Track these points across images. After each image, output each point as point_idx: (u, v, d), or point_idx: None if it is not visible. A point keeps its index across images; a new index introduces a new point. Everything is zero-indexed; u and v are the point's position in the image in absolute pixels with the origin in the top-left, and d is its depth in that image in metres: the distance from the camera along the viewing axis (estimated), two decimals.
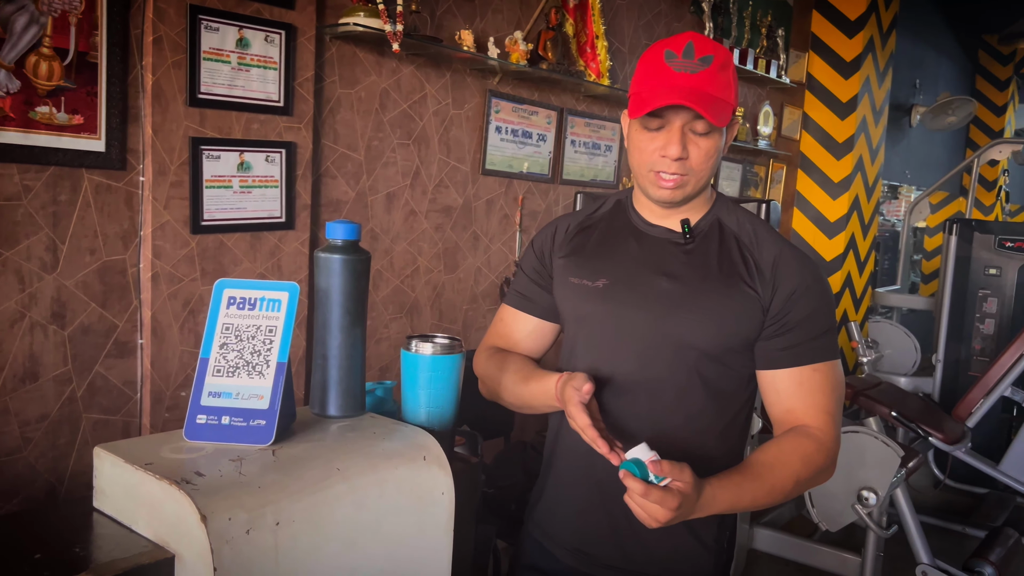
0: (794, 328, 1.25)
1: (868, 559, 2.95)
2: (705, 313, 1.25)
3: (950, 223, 4.35)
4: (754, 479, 1.20)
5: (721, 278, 1.27)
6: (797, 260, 1.28)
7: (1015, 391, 3.67)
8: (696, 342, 1.26)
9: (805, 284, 1.26)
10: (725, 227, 1.32)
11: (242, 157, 2.22)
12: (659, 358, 1.27)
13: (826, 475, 1.28)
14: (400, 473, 1.07)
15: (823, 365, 1.26)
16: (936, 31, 6.56)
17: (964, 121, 6.10)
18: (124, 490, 0.98)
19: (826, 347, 1.27)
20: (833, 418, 1.27)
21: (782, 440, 1.26)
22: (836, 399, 1.28)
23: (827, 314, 1.28)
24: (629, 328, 1.29)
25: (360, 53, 2.55)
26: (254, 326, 1.07)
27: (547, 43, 3.03)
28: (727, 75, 1.21)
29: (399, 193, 2.75)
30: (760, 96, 4.57)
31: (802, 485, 1.24)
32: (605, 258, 1.34)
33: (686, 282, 1.27)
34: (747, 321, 1.26)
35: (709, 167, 1.24)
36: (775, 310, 1.25)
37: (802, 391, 1.27)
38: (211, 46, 2.11)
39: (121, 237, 2.04)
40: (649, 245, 1.32)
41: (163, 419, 2.12)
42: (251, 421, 1.04)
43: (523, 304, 1.44)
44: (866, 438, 2.74)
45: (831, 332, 1.28)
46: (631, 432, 1.28)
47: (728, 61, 1.21)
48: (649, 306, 1.28)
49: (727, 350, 1.28)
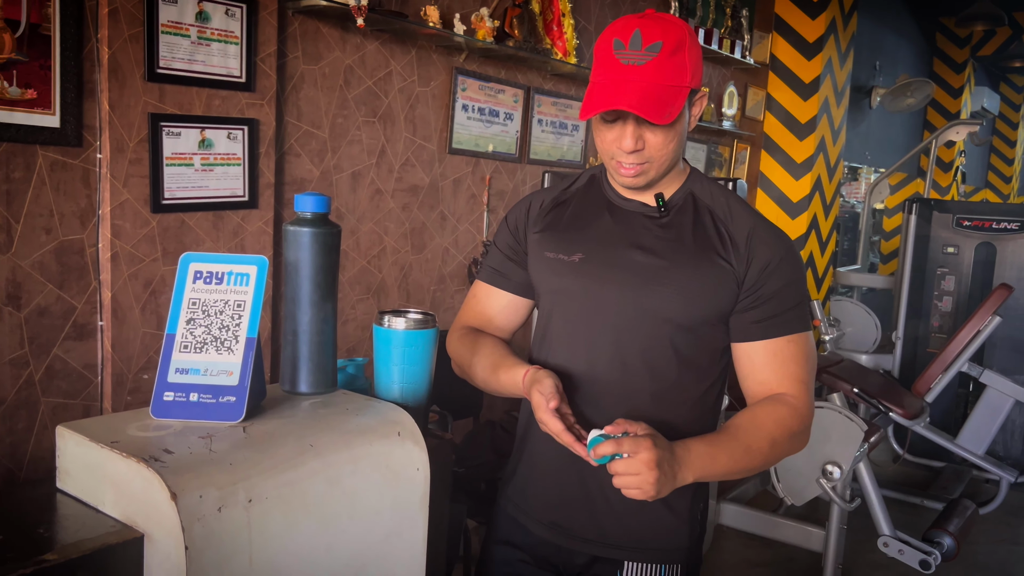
0: (768, 301, 1.26)
1: (832, 532, 3.00)
2: (680, 286, 1.26)
3: (909, 203, 4.43)
4: (730, 438, 1.22)
5: (696, 251, 1.27)
6: (771, 233, 1.29)
7: (972, 366, 3.77)
8: (670, 315, 1.26)
9: (779, 257, 1.27)
10: (699, 200, 1.32)
11: (203, 134, 2.16)
12: (634, 331, 1.28)
13: (801, 440, 1.29)
14: (374, 449, 1.05)
15: (796, 336, 1.28)
16: (895, 14, 6.65)
17: (922, 103, 6.20)
18: (89, 469, 0.95)
19: (799, 318, 1.28)
20: (807, 386, 1.28)
21: (756, 406, 1.28)
22: (809, 369, 1.29)
23: (800, 286, 1.30)
24: (604, 301, 1.29)
25: (324, 28, 2.50)
26: (222, 300, 1.05)
27: (513, 20, 3.00)
28: (680, 58, 1.17)
29: (364, 172, 2.71)
30: (724, 77, 4.59)
31: (778, 447, 1.25)
32: (580, 232, 1.34)
33: (661, 255, 1.28)
34: (722, 293, 1.26)
35: (669, 151, 1.23)
36: (749, 283, 1.26)
37: (776, 362, 1.28)
38: (169, 19, 2.05)
39: (78, 216, 1.98)
40: (624, 219, 1.32)
41: (125, 402, 2.07)
42: (220, 398, 1.01)
43: (497, 280, 1.43)
44: (831, 413, 2.79)
45: (803, 304, 1.30)
46: (606, 405, 1.28)
47: (681, 42, 1.17)
48: (624, 279, 1.28)
49: (701, 322, 1.28)
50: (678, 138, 1.23)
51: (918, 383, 3.70)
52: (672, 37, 1.17)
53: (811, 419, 1.29)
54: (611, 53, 1.18)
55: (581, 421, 1.23)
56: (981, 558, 3.41)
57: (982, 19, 5.55)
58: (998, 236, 4.24)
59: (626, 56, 1.16)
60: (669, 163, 1.25)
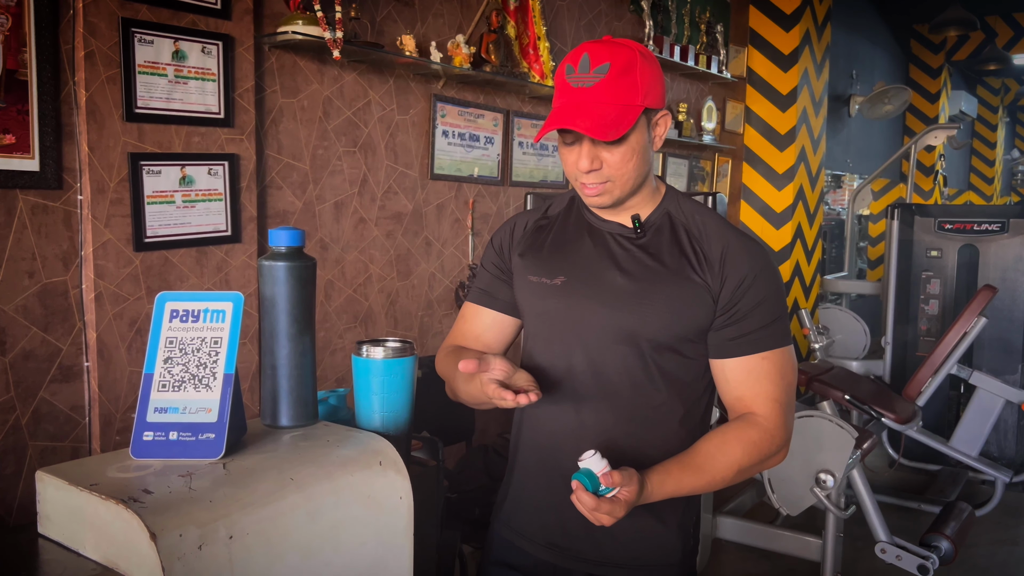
0: (744, 317, 1.27)
1: (829, 540, 3.00)
2: (657, 305, 1.27)
3: (892, 208, 4.46)
4: (695, 471, 1.24)
5: (672, 270, 1.29)
6: (745, 249, 1.29)
7: (961, 368, 3.79)
8: (649, 334, 1.28)
9: (753, 273, 1.27)
10: (675, 220, 1.33)
11: (184, 171, 2.18)
12: (615, 351, 1.29)
13: (774, 460, 1.31)
14: (356, 480, 1.06)
15: (772, 353, 1.28)
16: (869, 22, 6.73)
17: (900, 109, 6.27)
18: (70, 513, 0.95)
19: (775, 335, 1.29)
20: (780, 405, 1.29)
21: (727, 428, 1.29)
22: (785, 386, 1.29)
23: (777, 302, 1.30)
24: (586, 323, 1.31)
25: (300, 62, 2.53)
26: (199, 338, 1.05)
27: (489, 46, 3.03)
28: (630, 78, 1.20)
29: (347, 201, 2.72)
30: (703, 92, 4.64)
31: (746, 472, 1.27)
32: (561, 256, 1.36)
33: (638, 276, 1.29)
34: (698, 311, 1.28)
35: (630, 169, 1.25)
36: (724, 300, 1.27)
37: (750, 379, 1.29)
38: (146, 59, 2.07)
39: (61, 258, 1.99)
40: (603, 241, 1.34)
41: (114, 442, 2.07)
42: (200, 435, 1.02)
43: (485, 299, 1.45)
44: (821, 422, 2.79)
45: (781, 319, 1.30)
46: (590, 425, 1.30)
47: (630, 63, 1.20)
48: (604, 300, 1.30)
49: (681, 340, 1.29)
50: (637, 157, 1.24)
51: (909, 387, 3.72)
52: (620, 59, 1.20)
53: (785, 437, 1.30)
54: (564, 78, 1.22)
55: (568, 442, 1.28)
56: (980, 561, 3.41)
57: (954, 24, 5.63)
58: (980, 238, 4.28)
59: (576, 80, 1.20)
60: (632, 181, 1.27)
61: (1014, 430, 4.22)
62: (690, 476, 1.24)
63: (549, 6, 3.46)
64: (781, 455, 1.31)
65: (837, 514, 2.87)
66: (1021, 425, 4.21)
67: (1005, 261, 4.21)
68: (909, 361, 4.37)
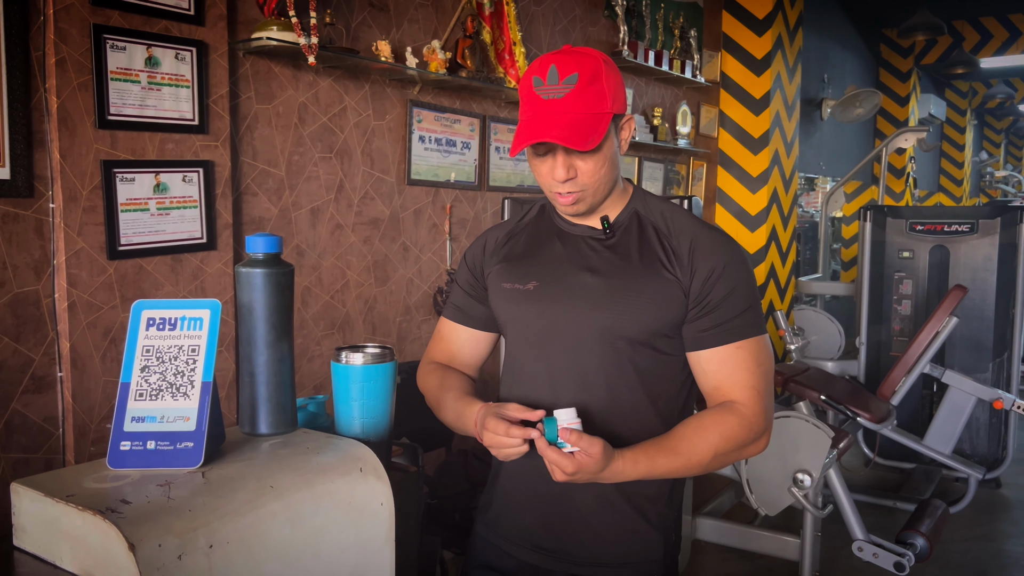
0: (716, 308, 1.28)
1: (807, 540, 3.03)
2: (629, 303, 1.29)
3: (864, 210, 4.52)
4: (670, 452, 1.25)
5: (641, 267, 1.31)
6: (713, 241, 1.31)
7: (933, 368, 3.84)
8: (623, 331, 1.30)
9: (722, 264, 1.29)
10: (643, 218, 1.36)
11: (158, 178, 2.16)
12: (592, 352, 1.31)
13: (755, 447, 1.31)
14: (336, 487, 1.05)
15: (746, 342, 1.29)
16: (840, 27, 6.83)
17: (871, 112, 6.36)
18: (45, 525, 0.94)
19: (749, 324, 1.30)
20: (759, 392, 1.29)
21: (705, 413, 1.30)
22: (762, 373, 1.30)
23: (748, 291, 1.31)
24: (560, 325, 1.33)
25: (275, 68, 2.52)
26: (176, 346, 1.04)
27: (465, 51, 3.04)
28: (598, 86, 1.22)
29: (323, 207, 2.71)
30: (677, 96, 4.67)
31: (722, 457, 1.28)
32: (533, 261, 1.39)
33: (609, 275, 1.31)
34: (670, 306, 1.29)
35: (601, 176, 1.27)
36: (695, 292, 1.29)
37: (727, 369, 1.30)
38: (118, 66, 2.05)
39: (32, 267, 1.96)
40: (573, 244, 1.37)
41: (88, 453, 2.04)
42: (178, 444, 1.01)
43: (459, 317, 1.49)
44: (798, 422, 2.82)
45: (753, 308, 1.31)
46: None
47: (597, 71, 1.22)
48: (576, 301, 1.32)
49: (655, 335, 1.31)
50: (608, 163, 1.27)
51: (883, 387, 3.76)
52: (587, 68, 1.22)
53: (764, 424, 1.30)
54: (532, 91, 1.23)
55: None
56: (955, 557, 3.46)
57: (922, 29, 5.72)
58: (950, 239, 4.35)
59: (546, 91, 1.22)
60: (604, 187, 1.30)
61: (986, 428, 4.28)
62: (664, 457, 1.25)
63: (524, 12, 3.47)
64: (762, 442, 1.32)
65: (814, 513, 2.90)
66: (993, 423, 4.28)
67: (975, 261, 4.29)
68: (883, 361, 4.43)
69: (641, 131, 4.17)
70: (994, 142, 12.42)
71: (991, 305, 4.23)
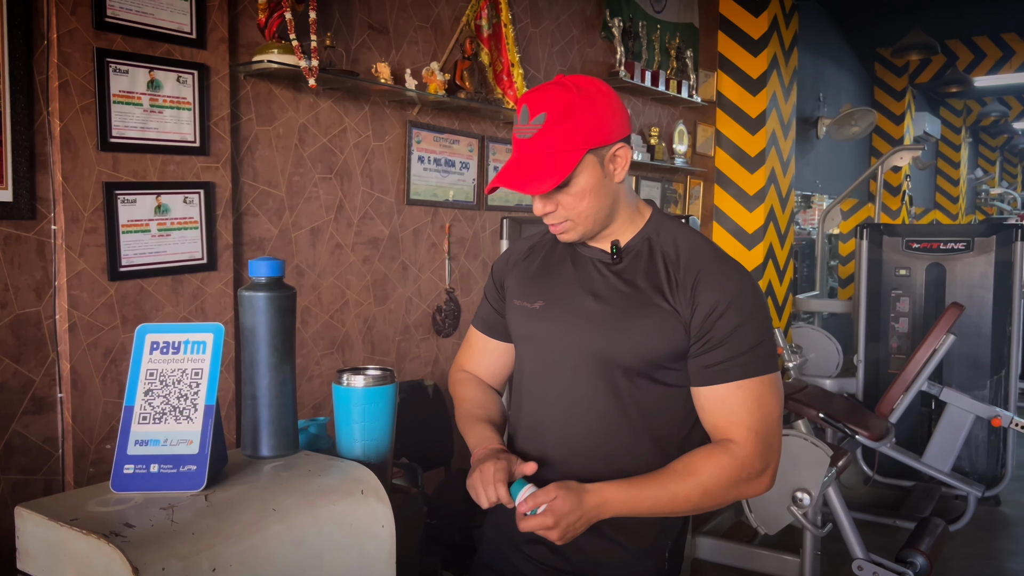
0: (719, 345, 1.25)
1: (806, 559, 3.02)
2: (624, 330, 1.28)
3: (860, 228, 4.55)
4: (655, 487, 1.24)
5: (642, 296, 1.29)
6: (720, 275, 1.27)
7: (931, 385, 3.85)
8: (618, 359, 1.28)
9: (727, 299, 1.25)
10: (653, 244, 1.33)
11: (159, 200, 2.17)
12: (591, 376, 1.31)
13: (751, 487, 1.28)
14: (338, 509, 1.06)
15: (748, 381, 1.25)
16: (835, 47, 6.89)
17: (867, 131, 6.40)
18: (49, 549, 0.94)
19: (753, 362, 1.25)
20: (756, 433, 1.25)
21: (697, 451, 1.27)
22: (761, 415, 1.25)
23: (755, 328, 1.26)
24: (561, 347, 1.33)
25: (276, 90, 2.54)
26: (179, 370, 1.05)
27: (464, 73, 3.07)
28: (569, 123, 1.21)
29: (323, 227, 2.73)
30: (674, 116, 4.71)
31: (714, 496, 1.25)
32: (543, 280, 1.40)
33: (610, 301, 1.30)
34: (668, 337, 1.27)
35: (584, 208, 1.27)
36: (696, 327, 1.25)
37: (724, 408, 1.26)
38: (121, 89, 2.07)
39: (34, 288, 1.97)
40: (582, 266, 1.37)
41: (88, 475, 2.04)
42: (181, 467, 1.01)
43: (485, 328, 1.53)
44: (797, 440, 2.82)
45: (761, 346, 1.26)
46: (574, 447, 1.32)
47: (568, 108, 1.22)
48: (577, 325, 1.32)
49: (651, 366, 1.28)
50: (590, 196, 1.26)
51: (881, 404, 3.76)
52: (556, 106, 1.22)
53: (762, 465, 1.26)
54: (514, 129, 1.28)
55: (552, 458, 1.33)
56: (955, 575, 3.45)
57: (916, 48, 5.78)
58: (946, 256, 4.37)
59: (519, 131, 1.26)
60: (592, 218, 1.29)
61: (984, 445, 4.28)
62: (649, 491, 1.23)
63: (522, 33, 3.51)
64: (760, 483, 1.28)
65: (814, 532, 2.89)
66: (991, 440, 4.28)
67: (971, 279, 4.30)
68: (881, 378, 4.43)
69: (638, 150, 4.20)
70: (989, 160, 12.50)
71: (988, 323, 4.25)
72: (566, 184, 1.24)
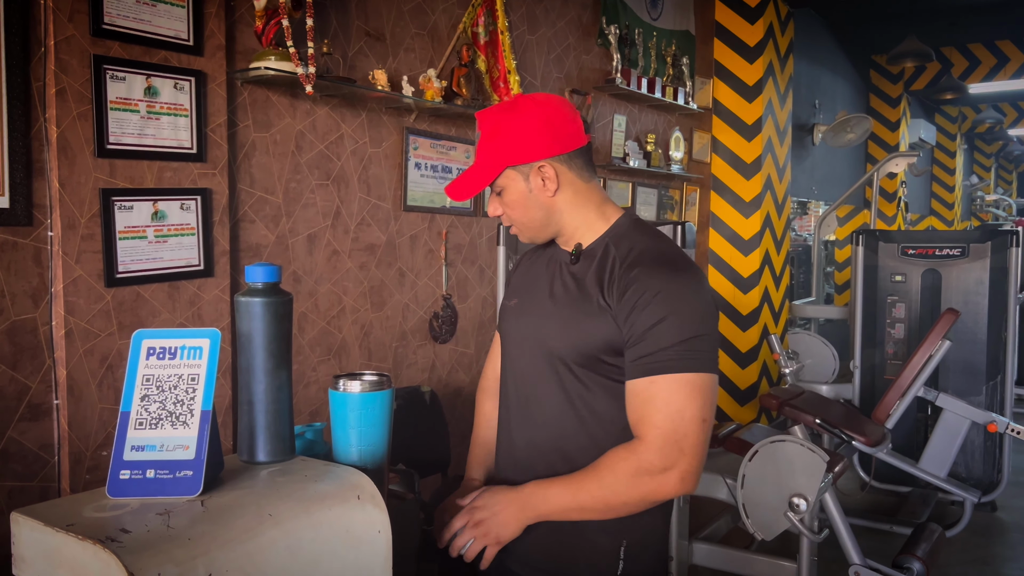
0: (641, 340, 1.27)
1: (803, 564, 3.02)
2: (565, 325, 1.38)
3: (856, 235, 4.56)
4: (566, 487, 1.32)
5: (585, 294, 1.37)
6: (653, 272, 1.30)
7: (927, 391, 3.85)
8: (558, 352, 1.38)
9: (653, 292, 1.27)
10: (610, 248, 1.38)
11: (156, 206, 2.17)
12: (546, 368, 1.41)
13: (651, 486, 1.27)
14: (334, 514, 1.06)
15: (662, 378, 1.25)
16: (830, 54, 6.91)
17: (862, 137, 6.42)
18: (45, 554, 0.94)
19: (673, 359, 1.25)
20: (660, 431, 1.25)
21: (609, 451, 1.33)
22: (670, 413, 1.25)
23: (680, 324, 1.26)
24: (524, 341, 1.47)
25: (273, 96, 2.55)
26: (176, 375, 1.05)
27: (460, 79, 3.07)
28: (493, 142, 1.37)
29: (320, 234, 2.73)
30: (670, 122, 4.72)
31: (616, 492, 1.28)
32: (522, 279, 1.55)
33: (559, 299, 1.41)
34: (602, 331, 1.32)
35: (520, 215, 1.41)
36: (621, 321, 1.30)
37: (636, 403, 1.29)
38: (118, 95, 2.07)
39: (30, 295, 1.97)
40: (552, 267, 1.48)
41: (84, 481, 2.04)
42: (177, 472, 1.01)
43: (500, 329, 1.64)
44: (793, 446, 2.83)
45: (687, 343, 1.25)
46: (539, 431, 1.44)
47: (496, 127, 1.36)
48: (535, 321, 1.45)
49: (591, 359, 1.35)
50: (521, 205, 1.40)
51: (877, 410, 3.77)
52: (487, 126, 1.38)
53: (665, 463, 1.25)
54: None
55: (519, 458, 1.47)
56: None
57: (911, 56, 5.80)
58: (942, 262, 4.38)
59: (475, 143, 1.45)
60: (531, 223, 1.42)
61: (981, 450, 4.29)
62: (560, 486, 1.33)
63: (519, 40, 3.52)
64: (665, 483, 1.27)
65: (811, 538, 2.89)
66: (987, 446, 4.29)
67: (967, 285, 4.32)
68: (877, 384, 4.44)
69: (635, 157, 4.21)
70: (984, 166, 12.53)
71: (983, 328, 4.26)
72: (503, 190, 1.40)
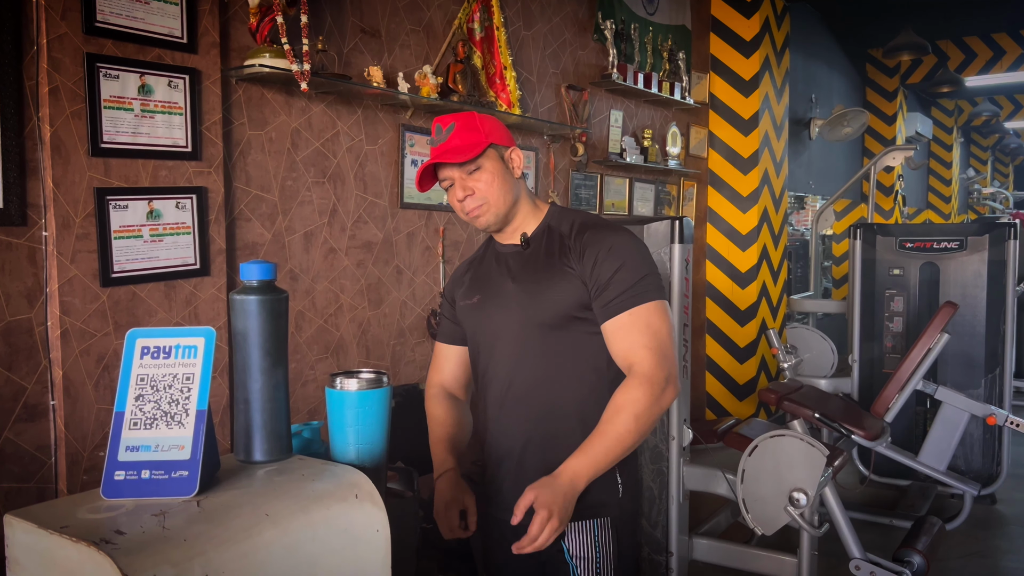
0: (607, 286, 1.54)
1: (804, 559, 3.02)
2: (539, 296, 1.59)
3: (854, 228, 4.55)
4: (602, 438, 1.49)
5: (548, 267, 1.60)
6: (599, 234, 1.57)
7: (926, 384, 3.85)
8: (536, 319, 1.59)
9: (607, 246, 1.55)
10: (553, 230, 1.65)
11: (151, 205, 2.16)
12: (524, 343, 1.60)
13: (665, 397, 1.50)
14: (332, 513, 1.05)
15: (637, 309, 1.53)
16: (826, 48, 6.90)
17: (859, 131, 6.42)
18: (39, 557, 0.93)
19: (638, 294, 1.53)
20: (651, 349, 1.52)
21: (616, 394, 1.52)
22: (652, 333, 1.53)
23: (635, 266, 1.55)
24: (495, 326, 1.65)
25: (268, 94, 2.53)
26: (170, 375, 1.04)
27: (456, 76, 3.06)
28: (472, 124, 1.57)
29: (317, 232, 2.72)
30: (667, 118, 4.71)
31: (645, 415, 1.49)
32: (478, 280, 1.72)
33: (523, 279, 1.62)
34: (573, 292, 1.56)
35: (496, 190, 1.59)
36: (586, 276, 1.56)
37: (621, 334, 1.54)
38: (112, 94, 2.06)
39: (25, 295, 1.96)
40: (503, 260, 1.69)
41: (81, 482, 2.03)
42: (173, 473, 1.00)
43: (445, 338, 1.82)
44: (792, 441, 2.82)
45: (644, 280, 1.54)
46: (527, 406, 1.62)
47: (471, 118, 1.58)
48: (505, 304, 1.63)
49: (565, 318, 1.57)
50: (498, 180, 1.59)
51: (876, 404, 3.77)
52: (462, 118, 1.58)
53: (664, 375, 1.51)
54: (429, 145, 1.64)
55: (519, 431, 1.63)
56: (952, 574, 3.45)
57: (907, 49, 5.79)
58: (940, 256, 4.37)
59: (434, 142, 1.59)
60: (503, 199, 1.60)
61: (979, 444, 4.29)
62: (600, 445, 1.48)
63: (515, 36, 3.50)
64: (668, 392, 1.52)
65: (811, 532, 2.89)
66: (987, 439, 4.29)
67: (965, 277, 4.31)
68: (876, 378, 4.44)
69: (632, 152, 4.20)
70: (981, 159, 12.54)
71: (982, 321, 4.26)
72: (478, 167, 1.56)
